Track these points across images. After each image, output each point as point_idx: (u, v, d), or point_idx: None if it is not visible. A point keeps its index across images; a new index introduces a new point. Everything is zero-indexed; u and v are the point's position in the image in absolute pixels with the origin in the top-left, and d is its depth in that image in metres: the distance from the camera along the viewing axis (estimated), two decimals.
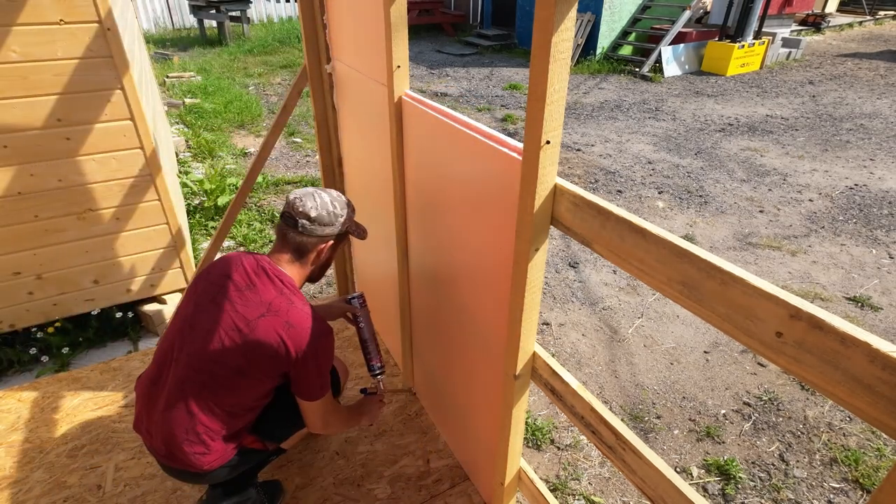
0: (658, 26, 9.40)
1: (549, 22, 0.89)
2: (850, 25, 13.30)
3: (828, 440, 2.31)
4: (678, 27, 8.82)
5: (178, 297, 2.80)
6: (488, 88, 7.88)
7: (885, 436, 2.33)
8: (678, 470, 2.17)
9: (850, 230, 4.09)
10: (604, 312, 3.13)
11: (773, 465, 2.20)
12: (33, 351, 2.53)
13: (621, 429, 1.10)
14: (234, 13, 10.29)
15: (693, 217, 4.28)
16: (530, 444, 2.26)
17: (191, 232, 3.56)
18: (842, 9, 14.59)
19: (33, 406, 2.20)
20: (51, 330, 2.56)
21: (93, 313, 2.63)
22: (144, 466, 1.94)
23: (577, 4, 0.89)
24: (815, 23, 12.57)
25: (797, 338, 0.68)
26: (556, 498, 1.86)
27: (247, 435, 1.52)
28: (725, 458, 2.20)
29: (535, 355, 1.33)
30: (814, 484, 2.12)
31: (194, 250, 3.37)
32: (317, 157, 3.90)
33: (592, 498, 2.04)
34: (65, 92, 2.18)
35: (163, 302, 2.77)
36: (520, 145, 1.13)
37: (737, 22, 8.63)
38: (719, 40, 8.91)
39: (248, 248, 3.61)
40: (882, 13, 14.52)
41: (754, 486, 2.11)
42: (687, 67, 9.06)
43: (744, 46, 8.65)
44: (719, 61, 8.81)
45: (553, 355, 2.71)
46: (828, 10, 13.66)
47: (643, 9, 9.67)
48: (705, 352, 2.82)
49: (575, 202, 1.03)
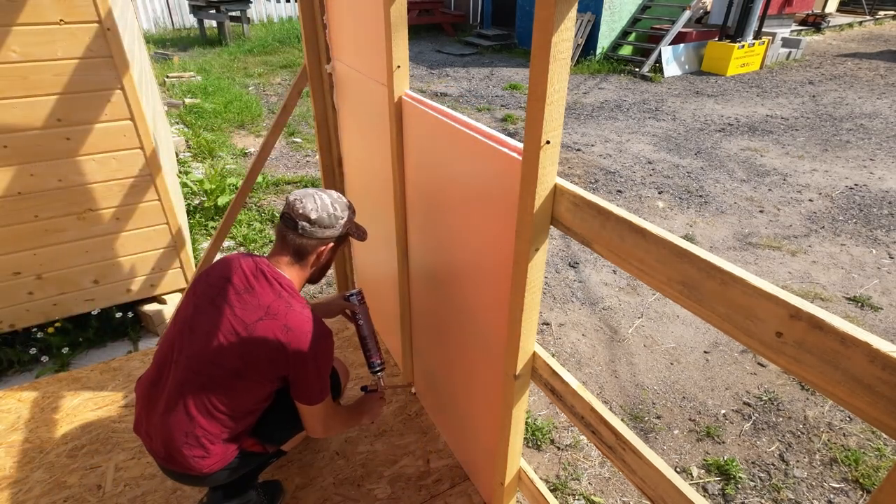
0: (658, 26, 9.41)
1: (549, 22, 0.89)
2: (850, 25, 13.30)
3: (828, 440, 2.31)
4: (678, 27, 8.83)
5: (178, 297, 2.80)
6: (488, 88, 7.88)
7: (885, 436, 2.33)
8: (678, 470, 2.17)
9: (850, 230, 4.09)
10: (604, 312, 3.13)
11: (773, 465, 2.20)
12: (33, 351, 2.53)
13: (621, 429, 1.10)
14: (234, 13, 10.29)
15: (693, 217, 4.28)
16: (530, 444, 2.26)
17: (191, 232, 3.56)
18: (842, 9, 14.60)
19: (33, 406, 2.20)
20: (51, 330, 2.56)
21: (93, 313, 2.63)
22: (144, 466, 1.93)
23: (577, 4, 0.89)
24: (815, 23, 12.57)
25: (797, 338, 0.68)
26: (556, 498, 1.86)
27: (247, 438, 1.51)
28: (725, 458, 2.20)
29: (535, 355, 1.33)
30: (814, 484, 2.12)
31: (194, 250, 3.37)
32: (317, 157, 3.90)
33: (592, 498, 2.04)
34: (65, 92, 2.18)
35: (163, 302, 2.77)
36: (520, 145, 1.13)
37: (737, 22, 8.63)
38: (719, 40, 8.91)
39: (248, 249, 3.61)
40: (882, 13, 14.52)
41: (754, 486, 2.11)
42: (687, 67, 9.06)
43: (744, 46, 8.65)
44: (719, 61, 8.81)
45: (553, 355, 2.71)
46: (828, 10, 13.66)
47: (643, 9, 9.67)
48: (705, 352, 2.82)
49: (575, 202, 1.03)
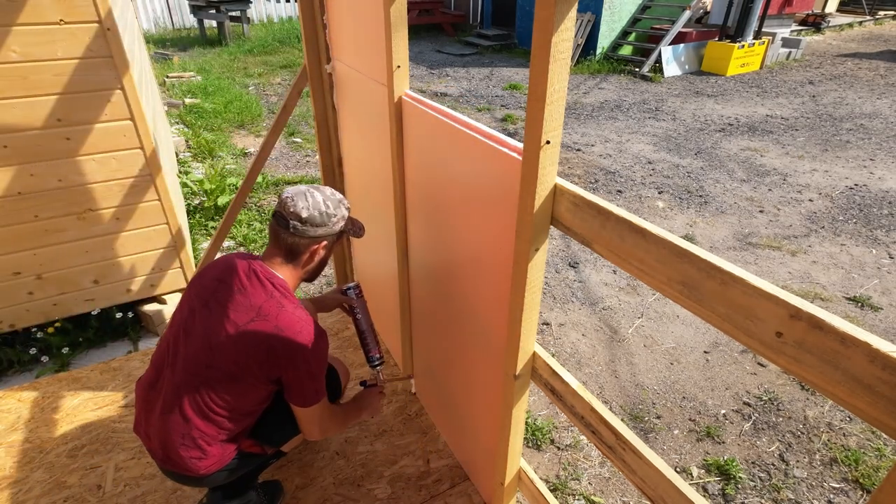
0: (658, 26, 9.40)
1: (549, 22, 0.89)
2: (850, 25, 13.30)
3: (828, 440, 2.31)
4: (678, 27, 8.83)
5: (177, 297, 2.80)
6: (488, 88, 7.88)
7: (885, 436, 2.33)
8: (678, 470, 2.17)
9: (850, 230, 4.09)
10: (604, 312, 3.13)
11: (773, 465, 2.20)
12: (33, 351, 2.53)
13: (621, 429, 1.10)
14: (234, 13, 10.29)
15: (693, 217, 4.28)
16: (530, 444, 2.26)
17: (191, 232, 3.56)
18: (842, 9, 14.59)
19: (33, 406, 2.20)
20: (51, 330, 2.56)
21: (93, 313, 2.63)
22: (144, 466, 1.93)
23: (577, 4, 0.89)
24: (815, 23, 12.57)
25: (797, 338, 0.68)
26: (556, 498, 1.86)
27: (245, 439, 1.50)
28: (725, 458, 2.20)
29: (535, 355, 1.33)
30: (814, 484, 2.12)
31: (194, 250, 3.37)
32: (317, 157, 3.90)
33: (592, 498, 2.04)
34: (65, 92, 2.18)
35: (163, 302, 2.77)
36: (520, 145, 1.13)
37: (737, 22, 8.63)
38: (719, 40, 8.91)
39: (248, 249, 3.61)
40: (882, 13, 14.52)
41: (754, 486, 2.11)
42: (687, 67, 9.06)
43: (744, 46, 8.65)
44: (719, 61, 8.81)
45: (553, 355, 2.71)
46: (828, 10, 13.66)
47: (643, 9, 9.67)
48: (705, 352, 2.82)
49: (575, 202, 1.03)
